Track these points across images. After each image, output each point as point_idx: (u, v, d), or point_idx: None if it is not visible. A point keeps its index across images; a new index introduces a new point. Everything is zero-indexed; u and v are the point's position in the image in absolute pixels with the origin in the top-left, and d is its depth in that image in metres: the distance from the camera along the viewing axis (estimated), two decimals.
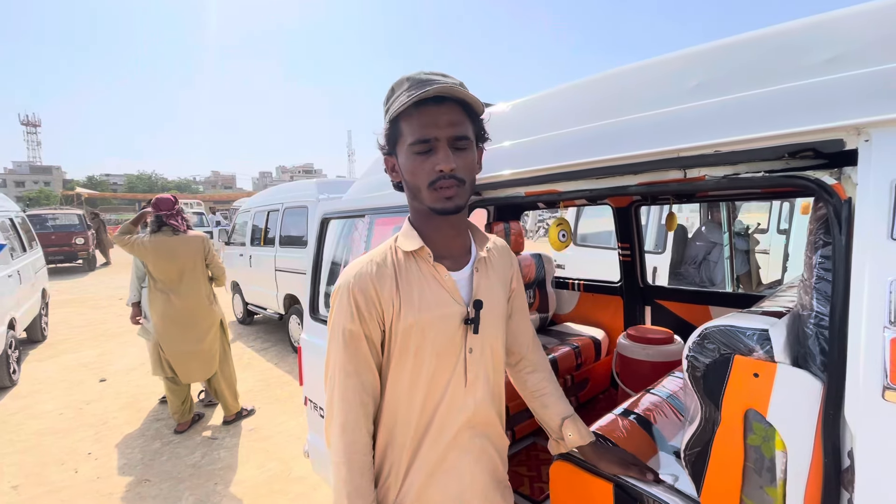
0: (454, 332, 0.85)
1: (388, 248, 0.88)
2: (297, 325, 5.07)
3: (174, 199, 3.22)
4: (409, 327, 0.82)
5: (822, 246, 0.85)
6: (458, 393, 0.86)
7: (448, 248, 0.89)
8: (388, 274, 0.84)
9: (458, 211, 0.83)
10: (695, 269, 4.00)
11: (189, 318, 3.17)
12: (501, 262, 0.98)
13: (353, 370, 0.83)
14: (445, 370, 0.85)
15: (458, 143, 0.80)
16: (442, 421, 0.86)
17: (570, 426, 1.03)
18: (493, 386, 0.92)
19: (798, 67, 0.78)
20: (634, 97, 1.01)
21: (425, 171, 0.79)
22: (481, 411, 0.89)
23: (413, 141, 0.78)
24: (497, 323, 0.92)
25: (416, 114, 0.78)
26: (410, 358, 0.84)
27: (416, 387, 0.84)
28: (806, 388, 0.77)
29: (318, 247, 2.07)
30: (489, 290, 0.90)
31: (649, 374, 2.03)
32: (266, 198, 6.07)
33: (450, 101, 0.79)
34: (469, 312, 0.86)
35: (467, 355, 0.86)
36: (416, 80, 0.79)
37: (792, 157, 0.81)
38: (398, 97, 0.79)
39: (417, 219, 0.89)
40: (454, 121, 0.79)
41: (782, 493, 0.80)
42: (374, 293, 0.82)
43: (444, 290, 0.86)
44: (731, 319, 0.90)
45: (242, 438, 3.22)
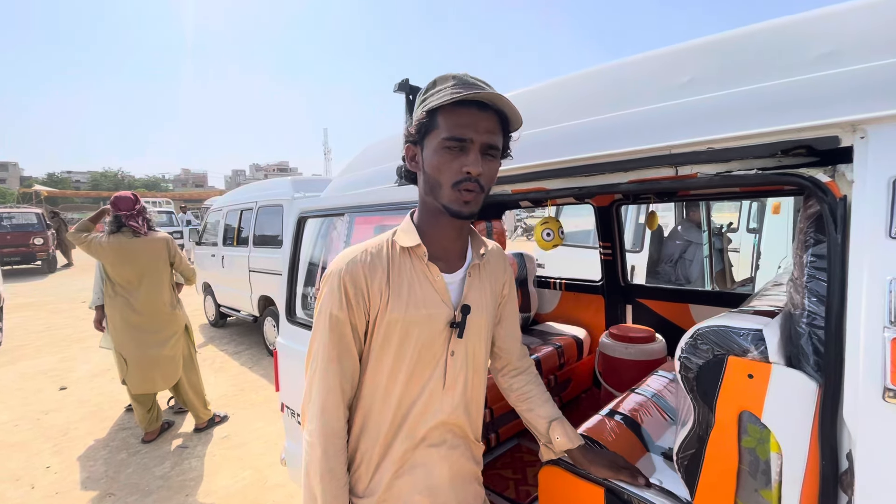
0: (438, 333, 0.86)
1: (384, 240, 0.89)
2: (272, 328, 4.93)
3: (135, 198, 3.05)
4: (394, 322, 0.83)
5: (814, 244, 0.85)
6: (435, 394, 0.87)
7: (445, 249, 0.89)
8: (381, 266, 0.85)
9: (472, 217, 0.83)
10: (671, 267, 4.07)
11: (150, 324, 3.02)
12: (496, 268, 0.99)
13: (336, 356, 0.84)
14: (425, 370, 0.86)
15: (489, 152, 0.81)
16: (416, 419, 0.87)
17: (558, 429, 1.03)
18: (471, 390, 0.93)
19: (792, 63, 0.76)
20: (624, 93, 0.99)
21: (452, 170, 0.79)
22: (457, 414, 0.90)
23: (448, 136, 0.78)
24: (483, 330, 0.93)
25: (458, 112, 0.78)
26: (391, 353, 0.85)
27: (394, 382, 0.86)
28: (801, 390, 0.76)
29: (294, 247, 1.99)
30: (479, 296, 0.91)
31: (632, 373, 2.03)
32: (239, 196, 5.88)
33: (491, 110, 0.80)
34: (456, 316, 0.87)
35: (448, 358, 0.87)
36: (463, 80, 0.80)
37: (785, 155, 0.80)
38: (441, 91, 0.80)
39: (423, 215, 0.89)
40: (491, 129, 0.80)
41: (778, 495, 0.79)
42: (363, 282, 0.83)
43: (434, 290, 0.86)
44: (723, 320, 0.89)
45: (215, 446, 3.09)
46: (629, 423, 1.34)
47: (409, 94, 1.41)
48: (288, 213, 4.63)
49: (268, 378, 4.33)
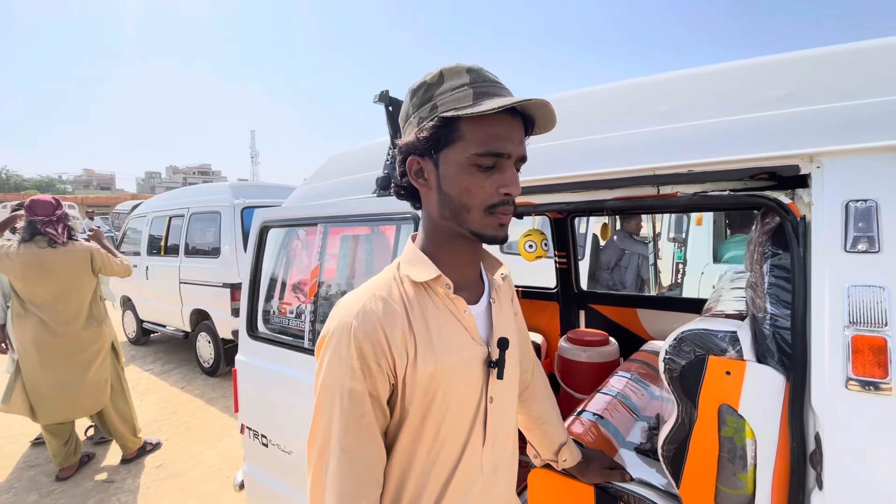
0: (476, 379, 0.71)
1: (391, 277, 0.72)
2: (206, 344, 4.58)
3: (56, 203, 2.71)
4: (429, 377, 0.66)
5: (772, 256, 0.98)
6: (474, 455, 0.71)
7: (465, 277, 0.75)
8: (398, 311, 0.67)
9: (505, 241, 0.71)
10: (608, 274, 4.39)
11: (69, 345, 2.69)
12: (507, 287, 0.87)
13: (352, 444, 0.64)
14: (463, 428, 0.70)
15: (519, 166, 0.69)
16: (455, 492, 0.70)
17: (566, 452, 1.03)
18: (512, 438, 0.80)
19: (761, 100, 0.89)
20: (611, 116, 1.08)
21: (487, 192, 0.65)
22: (498, 473, 0.76)
23: (483, 152, 0.64)
24: (516, 362, 0.81)
25: (492, 120, 0.64)
26: (428, 417, 0.68)
27: (430, 454, 0.68)
28: (771, 383, 0.87)
29: (256, 259, 1.89)
30: (507, 323, 0.80)
31: (589, 375, 2.16)
32: (167, 202, 5.42)
33: (519, 116, 0.67)
34: (491, 353, 0.73)
35: (488, 406, 0.72)
36: (483, 76, 0.66)
37: (752, 179, 0.92)
38: (459, 91, 0.64)
39: (435, 239, 0.73)
40: (522, 139, 0.68)
41: (753, 476, 0.89)
42: (383, 338, 0.65)
43: (462, 328, 0.71)
44: (702, 323, 1.00)
45: (148, 477, 2.81)
46: (602, 422, 1.44)
47: (388, 106, 1.41)
48: (227, 220, 4.34)
49: (204, 398, 4.01)
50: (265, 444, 1.77)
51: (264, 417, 1.80)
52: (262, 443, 1.79)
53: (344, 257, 1.95)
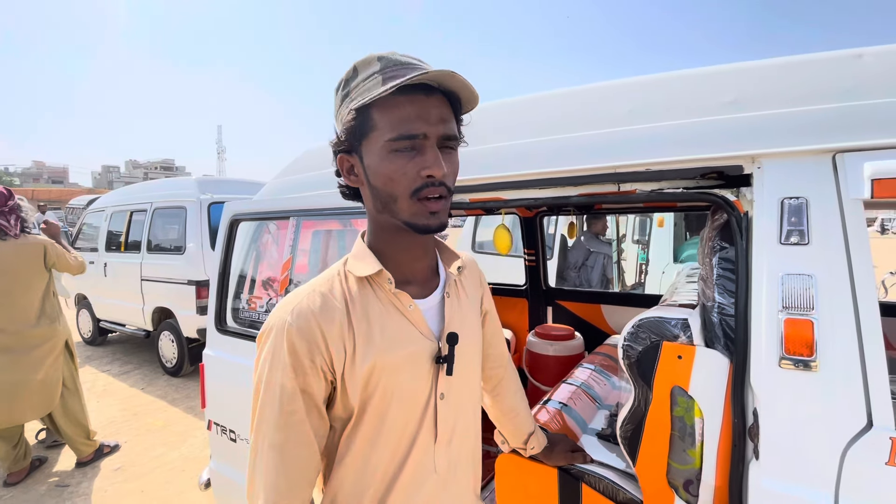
0: (424, 375, 0.70)
1: (334, 273, 0.72)
2: (169, 343, 4.43)
3: (8, 194, 2.58)
4: (368, 373, 0.65)
5: (720, 250, 1.06)
6: (425, 453, 0.70)
7: (413, 271, 0.74)
8: (338, 307, 0.66)
9: (442, 229, 0.67)
10: (575, 273, 4.53)
11: (18, 344, 2.55)
12: (471, 280, 0.85)
13: (283, 442, 0.63)
14: (410, 425, 0.69)
15: (447, 144, 0.66)
16: (403, 489, 0.69)
17: (534, 440, 1.08)
18: (474, 435, 0.79)
19: (711, 105, 0.97)
20: (576, 117, 1.14)
21: (408, 176, 0.63)
22: (456, 471, 0.74)
23: (395, 136, 0.62)
24: (475, 358, 0.79)
25: (400, 102, 0.62)
26: (369, 413, 0.67)
27: (374, 450, 0.68)
28: (718, 365, 0.95)
29: (225, 252, 1.87)
30: (463, 319, 0.76)
31: (556, 368, 2.24)
32: (128, 196, 5.21)
33: (438, 93, 0.64)
34: (441, 349, 0.71)
35: (438, 402, 0.70)
36: (394, 60, 0.63)
37: (702, 178, 1.00)
38: (368, 79, 0.63)
39: (378, 235, 0.72)
40: (445, 116, 0.64)
41: (700, 452, 0.97)
42: (319, 335, 0.64)
43: (409, 322, 0.70)
44: (657, 311, 1.07)
45: (106, 481, 2.70)
46: (566, 409, 1.51)
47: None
48: (193, 215, 4.22)
49: (167, 399, 3.88)
50: (233, 439, 1.75)
51: (232, 412, 1.78)
52: (231, 438, 1.77)
53: (316, 252, 1.95)
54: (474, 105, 0.70)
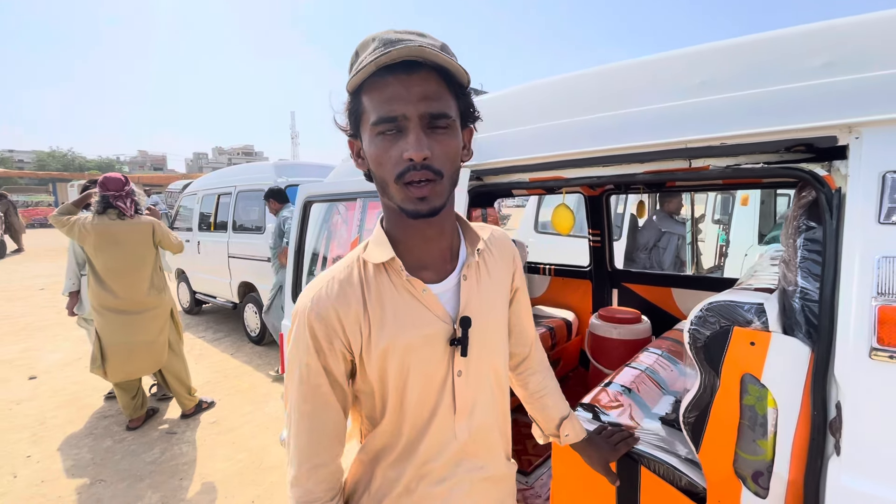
0: (440, 355, 0.72)
1: (354, 260, 0.74)
2: (253, 314, 4.87)
3: (125, 180, 2.97)
4: (383, 354, 0.70)
5: (806, 230, 0.97)
6: (445, 422, 0.74)
7: (428, 254, 0.74)
8: (354, 294, 0.70)
9: (434, 214, 0.65)
10: (646, 254, 4.30)
11: (133, 309, 2.95)
12: (501, 259, 0.84)
13: (310, 411, 0.70)
14: (429, 398, 0.73)
15: (436, 123, 0.62)
16: (426, 455, 0.74)
17: (568, 426, 1.00)
18: (497, 409, 0.81)
19: (798, 70, 0.87)
20: (643, 90, 1.09)
21: (393, 160, 0.62)
22: (480, 437, 0.78)
23: (376, 119, 0.61)
24: (495, 337, 0.80)
25: (380, 84, 0.61)
26: (389, 389, 0.72)
27: (394, 419, 0.73)
28: (796, 353, 0.89)
29: (300, 231, 2.01)
30: (482, 300, 0.76)
31: (619, 352, 2.18)
32: (216, 180, 5.72)
33: (425, 69, 0.61)
34: (456, 331, 0.72)
35: (455, 379, 0.73)
36: (385, 39, 0.61)
37: (787, 151, 0.92)
38: (362, 63, 0.61)
39: (389, 219, 0.74)
40: (429, 93, 0.61)
41: (773, 444, 0.92)
42: (335, 320, 0.68)
43: (423, 306, 0.71)
44: (729, 296, 1.01)
45: (204, 431, 3.08)
46: (628, 393, 1.48)
47: None
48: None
49: (251, 364, 4.31)
50: None
51: None
52: None
53: None
54: (465, 77, 0.65)
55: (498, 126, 1.35)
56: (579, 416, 1.34)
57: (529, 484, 1.78)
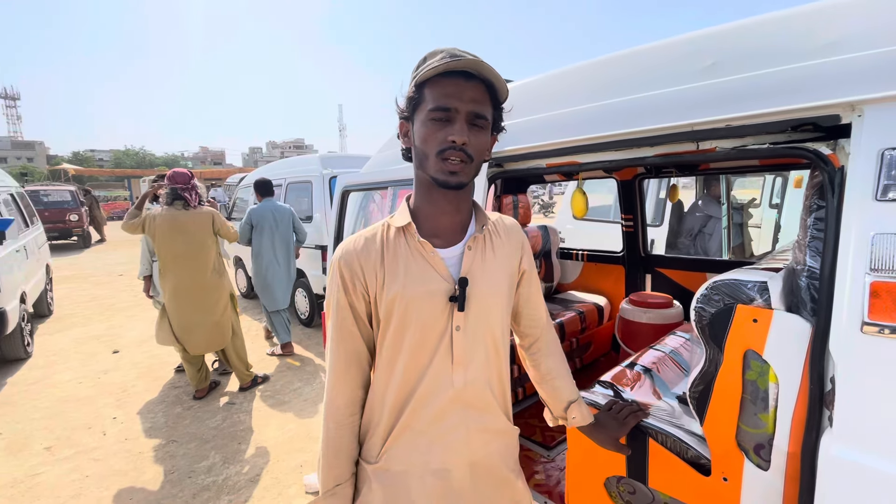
0: (440, 308, 0.84)
1: (380, 224, 0.91)
2: (302, 298, 5.20)
3: (190, 174, 3.28)
4: (392, 300, 0.84)
5: (816, 209, 0.98)
6: (443, 369, 0.85)
7: (442, 225, 0.88)
8: (375, 249, 0.86)
9: (460, 187, 0.83)
10: (690, 241, 4.15)
11: (199, 291, 3.27)
12: (508, 242, 0.95)
13: (340, 338, 0.89)
14: (429, 345, 0.85)
15: (476, 121, 0.80)
16: (425, 394, 0.86)
17: (575, 410, 1.05)
18: (490, 367, 0.90)
19: (801, 50, 0.88)
20: (652, 75, 1.11)
21: (437, 140, 0.79)
22: (473, 388, 0.88)
23: (433, 107, 0.79)
24: (495, 302, 0.90)
25: (443, 83, 0.78)
26: (394, 330, 0.85)
27: (399, 357, 0.86)
28: (797, 330, 0.91)
29: (339, 218, 2.17)
30: (484, 270, 0.88)
31: (650, 337, 2.19)
32: (268, 173, 6.08)
33: (477, 80, 0.80)
34: (455, 290, 0.85)
35: (454, 332, 0.85)
36: (450, 52, 0.80)
37: (794, 131, 0.93)
38: (430, 63, 0.79)
39: (417, 192, 0.90)
40: (477, 98, 0.80)
41: (773, 417, 0.95)
42: (358, 266, 0.85)
43: (430, 266, 0.85)
44: (734, 274, 1.03)
45: (259, 403, 3.39)
46: (648, 374, 1.51)
47: None
48: (318, 188, 4.81)
49: (301, 344, 4.62)
50: None
51: None
52: None
53: None
54: (505, 94, 0.84)
55: (515, 114, 1.41)
56: (599, 393, 1.40)
57: (551, 457, 1.86)
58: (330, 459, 0.89)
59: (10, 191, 5.36)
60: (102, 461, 2.68)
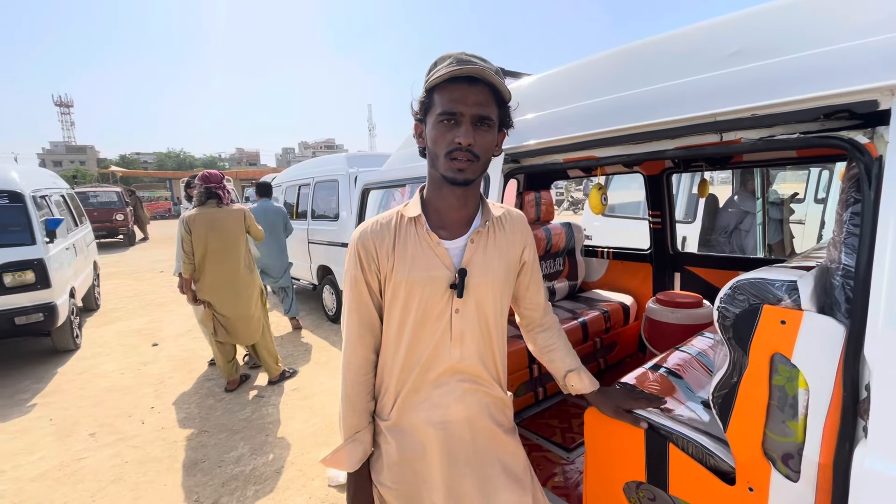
0: (441, 293, 0.94)
1: (395, 212, 1.00)
2: (330, 295, 5.30)
3: (222, 175, 3.41)
4: (399, 282, 0.94)
5: (853, 203, 0.91)
6: (443, 345, 0.96)
7: (449, 218, 0.97)
8: (389, 234, 0.96)
9: (467, 184, 0.91)
10: (725, 238, 3.97)
11: (232, 286, 3.38)
12: (512, 234, 1.03)
13: (356, 308, 0.99)
14: (432, 324, 0.96)
15: (481, 123, 0.87)
16: (427, 363, 0.97)
17: (573, 377, 1.14)
18: (483, 345, 1.00)
19: (835, 32, 0.82)
20: (671, 64, 1.06)
21: (446, 141, 0.87)
22: (468, 362, 0.98)
23: (441, 112, 0.86)
24: (490, 291, 0.98)
25: (450, 88, 0.86)
26: (399, 307, 0.96)
27: (404, 331, 0.97)
28: (830, 333, 0.84)
29: (359, 215, 2.19)
30: (483, 260, 0.97)
31: (678, 337, 2.10)
32: (297, 172, 6.23)
33: (482, 84, 0.86)
34: (455, 278, 0.94)
35: (453, 315, 0.95)
36: (458, 58, 0.87)
37: (827, 119, 0.86)
38: (438, 70, 0.87)
39: (429, 187, 0.99)
40: (481, 101, 0.86)
41: (803, 425, 0.89)
42: (373, 248, 0.96)
43: (434, 255, 0.95)
44: (761, 273, 0.97)
45: (287, 397, 3.48)
46: (671, 374, 1.45)
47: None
48: (344, 187, 4.88)
49: (328, 340, 4.71)
50: None
51: None
52: None
53: None
54: (508, 96, 0.91)
55: (531, 109, 1.38)
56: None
57: (570, 459, 1.82)
58: (348, 412, 1.01)
59: (62, 192, 5.71)
60: (140, 448, 2.81)
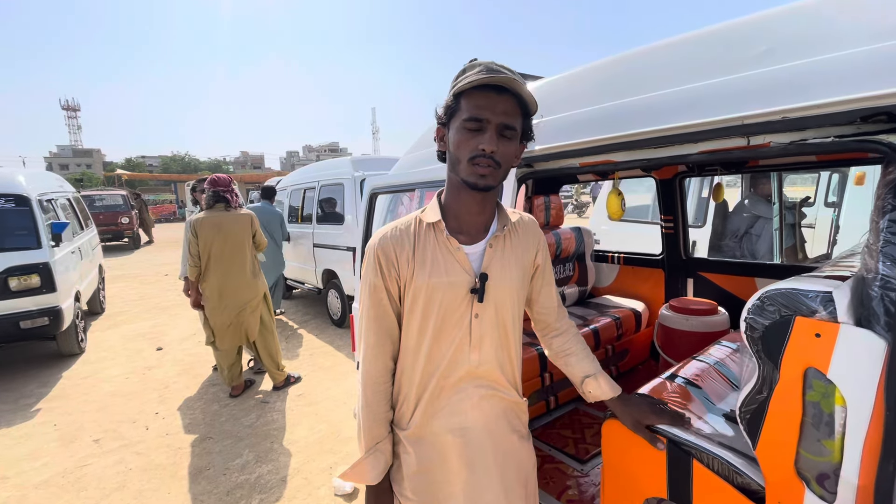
0: (461, 298, 0.95)
1: (413, 217, 1.00)
2: (335, 299, 5.27)
3: (230, 179, 3.40)
4: (419, 288, 0.94)
5: (891, 210, 0.86)
6: (462, 349, 0.96)
7: (468, 223, 0.98)
8: (408, 240, 0.96)
9: (488, 190, 0.91)
10: (736, 242, 3.91)
11: (234, 290, 3.35)
12: (526, 238, 1.04)
13: (375, 315, 0.99)
14: (451, 329, 0.96)
15: (506, 132, 0.88)
16: (447, 369, 0.97)
17: (592, 384, 1.12)
18: (501, 349, 1.00)
19: (872, 31, 0.78)
20: (696, 65, 1.02)
21: (469, 147, 0.88)
22: (486, 367, 0.98)
23: (467, 117, 0.87)
24: (508, 295, 0.98)
25: (477, 95, 0.86)
26: (419, 314, 0.95)
27: (424, 338, 0.96)
28: (870, 347, 0.80)
29: (367, 219, 2.16)
30: (501, 265, 0.97)
31: (692, 345, 2.05)
32: (301, 176, 6.22)
33: (509, 94, 0.87)
34: (476, 283, 0.94)
35: (473, 320, 0.96)
36: (487, 66, 0.87)
37: (864, 122, 0.82)
38: (467, 76, 0.87)
39: (448, 191, 0.98)
40: (508, 111, 0.87)
41: (840, 445, 0.84)
42: (393, 255, 0.95)
43: (454, 260, 0.95)
44: (792, 283, 0.93)
45: (292, 403, 3.44)
46: (691, 387, 1.40)
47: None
48: (349, 191, 4.86)
49: (333, 345, 4.68)
50: None
51: None
52: None
53: None
54: (534, 108, 0.92)
55: (547, 112, 1.34)
56: None
57: (585, 472, 1.77)
58: (370, 423, 1.00)
59: (68, 195, 5.72)
60: (144, 455, 2.78)
